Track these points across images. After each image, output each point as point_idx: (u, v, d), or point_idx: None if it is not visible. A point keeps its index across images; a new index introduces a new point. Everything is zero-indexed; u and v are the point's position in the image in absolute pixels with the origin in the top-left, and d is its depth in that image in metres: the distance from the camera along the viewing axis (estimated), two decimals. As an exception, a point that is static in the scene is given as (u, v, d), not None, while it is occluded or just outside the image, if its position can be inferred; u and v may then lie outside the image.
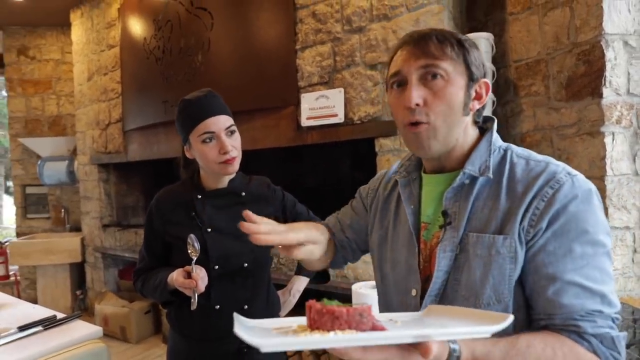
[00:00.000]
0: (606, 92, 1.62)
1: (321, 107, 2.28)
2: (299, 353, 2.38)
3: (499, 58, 2.08)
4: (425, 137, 0.71)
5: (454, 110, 0.71)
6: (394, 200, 0.88)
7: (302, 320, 0.57)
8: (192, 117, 1.18)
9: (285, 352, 1.75)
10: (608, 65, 1.60)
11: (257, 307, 1.26)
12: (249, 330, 0.53)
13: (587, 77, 1.67)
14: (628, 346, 1.28)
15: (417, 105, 0.70)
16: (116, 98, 3.56)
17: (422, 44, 0.71)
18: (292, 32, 2.38)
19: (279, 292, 1.42)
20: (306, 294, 1.50)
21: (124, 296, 3.69)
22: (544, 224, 0.66)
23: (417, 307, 0.75)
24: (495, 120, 0.79)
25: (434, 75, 0.70)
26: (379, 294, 0.90)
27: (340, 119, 2.21)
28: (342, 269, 2.18)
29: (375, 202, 0.93)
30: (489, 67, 1.99)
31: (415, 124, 0.71)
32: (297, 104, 2.37)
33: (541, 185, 0.67)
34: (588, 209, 0.66)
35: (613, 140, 1.64)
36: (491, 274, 0.67)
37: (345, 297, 2.00)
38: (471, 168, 0.73)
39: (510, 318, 0.51)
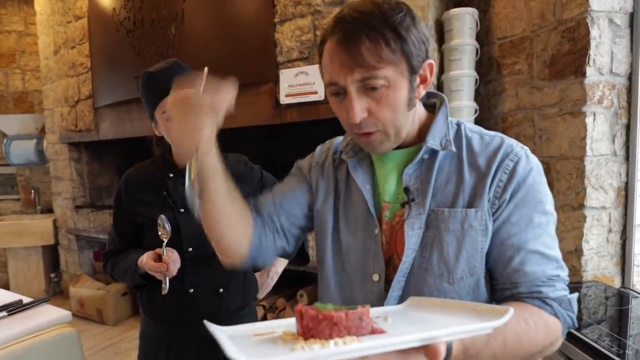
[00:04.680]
0: (589, 71, 1.60)
1: (301, 83, 2.21)
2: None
3: (483, 35, 2.03)
4: (378, 142, 0.70)
5: (401, 111, 0.68)
6: (343, 180, 0.80)
7: (286, 324, 0.51)
8: (154, 92, 1.09)
9: None
10: (592, 44, 1.58)
11: (233, 291, 1.22)
12: (229, 339, 0.46)
13: (571, 55, 1.65)
14: (599, 322, 1.33)
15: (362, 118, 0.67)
16: (85, 73, 3.38)
17: (354, 50, 0.62)
18: (271, 3, 2.27)
19: (257, 274, 1.38)
20: (285, 276, 1.47)
21: (100, 278, 3.63)
22: (507, 195, 0.68)
23: (380, 293, 0.72)
24: (445, 97, 0.78)
25: (374, 88, 0.65)
26: (322, 280, 0.82)
27: (320, 96, 2.15)
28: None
29: (319, 178, 0.84)
30: (474, 44, 1.94)
31: (366, 134, 0.69)
32: (276, 80, 2.29)
33: (502, 158, 0.70)
34: (540, 181, 0.70)
35: (594, 120, 1.63)
36: (464, 248, 0.68)
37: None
38: (432, 142, 0.72)
39: (511, 312, 0.50)
